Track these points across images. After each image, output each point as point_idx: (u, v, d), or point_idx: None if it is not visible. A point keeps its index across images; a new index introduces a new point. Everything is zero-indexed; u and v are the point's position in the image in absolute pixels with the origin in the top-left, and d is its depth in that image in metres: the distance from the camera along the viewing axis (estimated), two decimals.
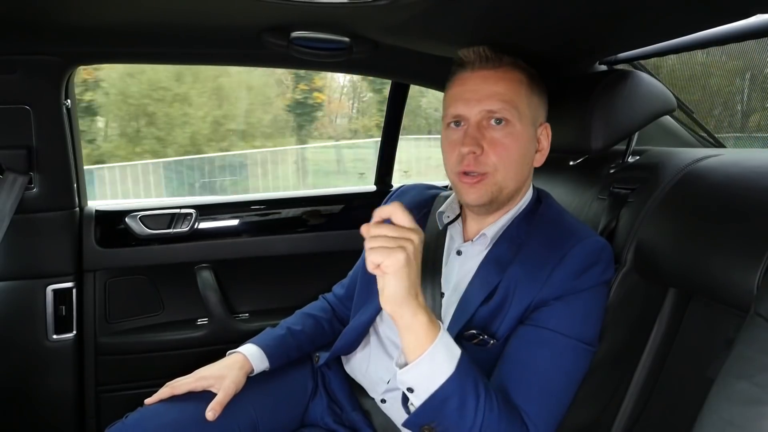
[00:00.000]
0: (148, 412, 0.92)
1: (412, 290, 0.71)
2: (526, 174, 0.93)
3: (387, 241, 0.70)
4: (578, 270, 0.83)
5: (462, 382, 0.72)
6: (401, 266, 0.69)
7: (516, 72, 0.89)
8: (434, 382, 0.71)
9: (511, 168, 0.87)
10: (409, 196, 1.12)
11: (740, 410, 0.55)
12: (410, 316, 0.71)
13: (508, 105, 0.86)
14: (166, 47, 1.29)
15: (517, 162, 0.88)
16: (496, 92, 0.86)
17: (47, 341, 1.41)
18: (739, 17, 0.80)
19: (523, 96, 0.88)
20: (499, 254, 0.90)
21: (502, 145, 0.86)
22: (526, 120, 0.88)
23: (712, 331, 0.81)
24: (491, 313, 0.86)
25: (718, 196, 0.81)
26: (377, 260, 0.69)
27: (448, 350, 0.73)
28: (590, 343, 0.83)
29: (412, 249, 0.70)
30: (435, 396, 0.71)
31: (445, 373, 0.71)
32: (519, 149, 0.88)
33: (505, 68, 0.89)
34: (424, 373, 0.72)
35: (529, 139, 0.90)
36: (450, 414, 0.72)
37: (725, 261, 0.72)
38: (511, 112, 0.86)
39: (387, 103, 1.77)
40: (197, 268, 1.59)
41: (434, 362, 0.71)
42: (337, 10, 0.94)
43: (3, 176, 1.26)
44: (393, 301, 0.71)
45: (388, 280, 0.70)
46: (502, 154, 0.86)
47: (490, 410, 0.73)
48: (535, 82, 0.91)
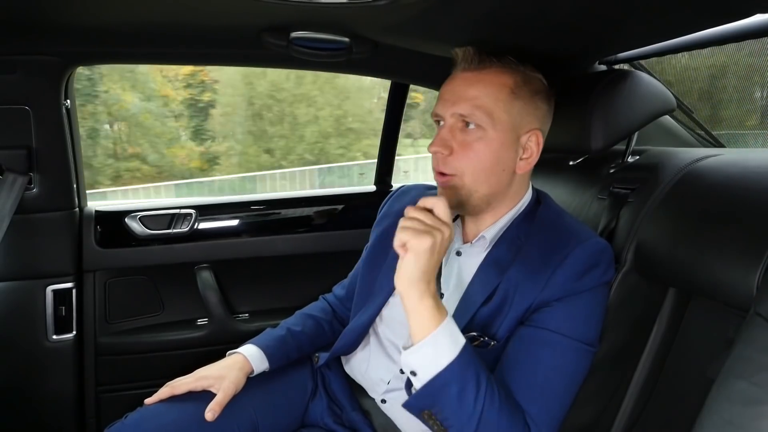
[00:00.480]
0: (148, 412, 0.92)
1: (425, 276, 0.74)
2: (505, 180, 0.89)
3: (420, 224, 0.74)
4: (579, 272, 0.83)
5: (463, 369, 0.73)
6: (425, 249, 0.72)
7: (501, 76, 0.86)
8: (436, 366, 0.72)
9: (479, 173, 0.86)
10: (409, 197, 1.12)
11: (740, 410, 0.55)
12: (417, 299, 0.74)
13: (479, 110, 0.84)
14: (166, 47, 1.29)
15: (487, 168, 0.86)
16: (471, 96, 0.85)
17: (47, 341, 1.41)
18: (739, 17, 0.80)
19: (501, 101, 0.85)
20: (498, 256, 0.90)
21: (471, 149, 0.86)
22: (503, 126, 0.85)
23: (712, 331, 0.81)
24: (491, 315, 0.86)
25: (718, 195, 0.81)
26: (405, 238, 0.73)
27: (451, 337, 0.74)
28: (591, 343, 0.83)
29: (439, 238, 0.74)
30: (435, 380, 0.72)
31: (447, 358, 0.73)
32: (490, 155, 0.86)
33: (488, 71, 0.87)
34: (427, 356, 0.73)
35: (504, 145, 0.86)
36: (449, 400, 0.73)
37: (725, 261, 0.72)
38: (481, 117, 0.84)
39: (387, 103, 1.77)
40: (197, 268, 1.59)
41: (437, 346, 0.73)
42: (337, 10, 0.94)
43: (3, 176, 1.26)
44: (407, 280, 0.74)
45: (408, 258, 0.73)
46: (470, 157, 0.86)
47: (491, 403, 0.73)
48: (525, 88, 0.88)
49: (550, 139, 0.97)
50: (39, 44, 1.21)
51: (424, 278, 0.74)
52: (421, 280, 0.74)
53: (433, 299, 0.75)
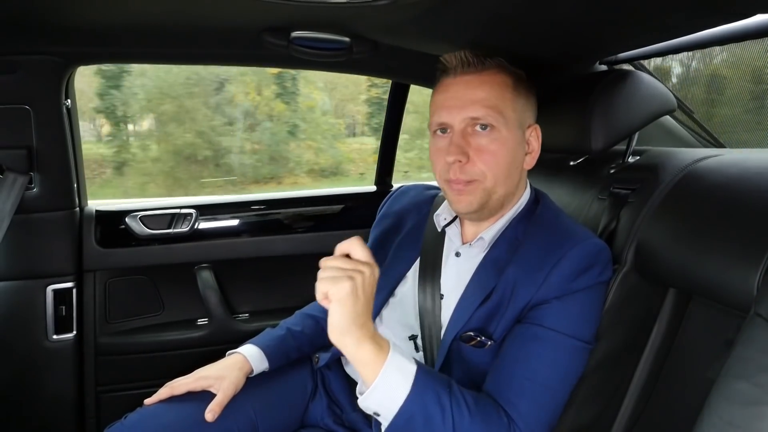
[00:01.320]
0: (148, 412, 0.92)
1: (357, 320, 0.72)
2: (517, 178, 0.91)
3: (337, 271, 0.72)
4: (575, 272, 0.83)
5: (421, 398, 0.73)
6: (346, 294, 0.71)
7: (500, 75, 0.87)
8: (394, 404, 0.72)
9: (499, 174, 0.86)
10: (408, 197, 1.12)
11: (740, 410, 0.55)
12: (354, 347, 0.73)
13: (492, 111, 0.85)
14: (166, 47, 1.29)
15: (505, 167, 0.87)
16: (480, 98, 0.85)
17: (47, 341, 1.41)
18: (739, 17, 0.80)
19: (508, 100, 0.87)
20: (496, 256, 0.90)
21: (488, 151, 0.85)
22: (513, 124, 0.87)
23: (712, 331, 0.81)
24: (489, 315, 0.86)
25: (718, 196, 0.81)
26: (324, 289, 0.72)
27: (400, 372, 0.74)
28: (586, 340, 0.83)
29: (360, 280, 0.72)
30: (398, 417, 0.72)
31: (402, 394, 0.72)
32: (506, 154, 0.86)
33: (489, 72, 0.87)
34: (382, 397, 0.73)
35: (516, 142, 0.88)
36: (419, 430, 0.73)
37: (725, 261, 0.72)
38: (495, 117, 0.85)
39: (387, 103, 1.77)
40: (197, 268, 1.59)
41: (388, 386, 0.73)
42: (337, 10, 0.94)
43: (3, 176, 1.26)
44: (337, 331, 0.72)
45: (333, 308, 0.72)
46: (489, 160, 0.85)
47: (461, 417, 0.73)
48: (521, 84, 0.90)
49: (550, 140, 0.97)
50: (40, 44, 1.21)
51: (356, 323, 0.72)
52: (353, 326, 0.72)
53: (371, 342, 0.73)
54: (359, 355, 0.73)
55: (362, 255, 0.75)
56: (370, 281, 0.74)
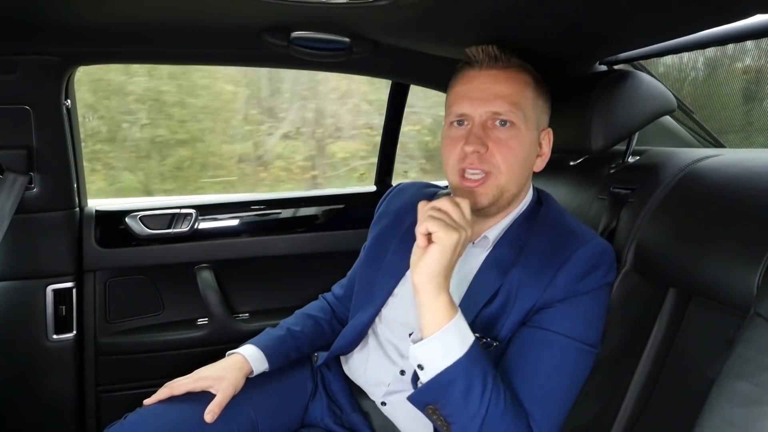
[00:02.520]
0: (147, 412, 0.92)
1: (445, 271, 0.75)
2: (527, 178, 0.92)
3: (449, 219, 0.74)
4: (581, 273, 0.82)
5: (470, 367, 0.73)
6: (451, 244, 0.73)
7: (524, 74, 0.88)
8: (443, 361, 0.73)
9: (513, 170, 0.87)
10: (406, 195, 1.11)
11: (740, 410, 0.55)
12: (434, 294, 0.74)
13: (514, 107, 0.85)
14: (166, 47, 1.29)
15: (519, 165, 0.87)
16: (504, 93, 0.85)
17: (47, 341, 1.41)
18: (739, 17, 0.80)
19: (530, 99, 0.87)
20: (500, 256, 0.90)
21: (507, 146, 0.85)
22: (531, 123, 0.88)
23: (712, 331, 0.81)
24: (494, 316, 0.86)
25: (718, 196, 0.81)
26: (433, 229, 0.73)
27: (461, 334, 0.74)
28: (592, 344, 0.83)
29: (464, 236, 0.75)
30: (442, 375, 0.72)
31: (455, 354, 0.73)
32: (523, 152, 0.87)
33: (514, 69, 0.87)
34: (435, 351, 0.73)
35: (532, 143, 0.89)
36: (454, 397, 0.73)
37: (725, 261, 0.72)
38: (517, 114, 0.85)
39: (387, 104, 1.77)
40: (197, 268, 1.59)
41: (446, 342, 0.73)
42: (338, 10, 0.94)
43: (3, 176, 1.26)
44: (426, 273, 0.74)
45: (433, 251, 0.73)
46: (507, 155, 0.85)
47: (496, 403, 0.73)
48: (541, 86, 0.91)
49: None
50: (39, 44, 1.21)
51: (444, 273, 0.74)
52: (440, 275, 0.74)
53: (447, 295, 0.75)
54: (436, 303, 0.74)
55: (469, 215, 0.77)
56: (465, 244, 0.76)
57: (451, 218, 0.74)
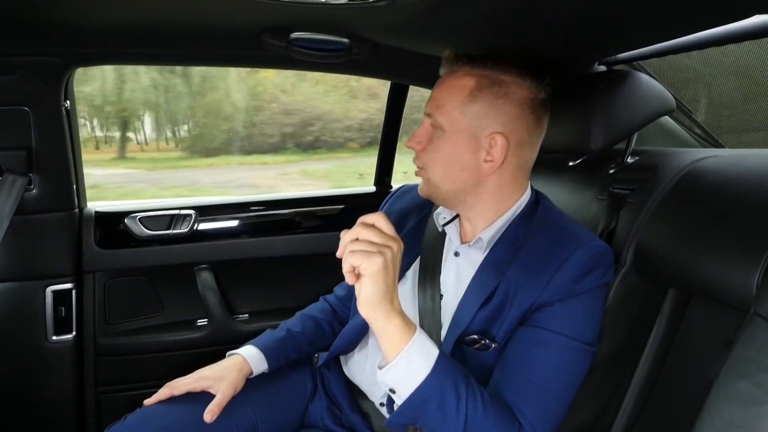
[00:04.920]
0: (147, 413, 0.92)
1: (387, 295, 0.73)
2: (467, 180, 0.89)
3: (368, 246, 0.72)
4: (579, 274, 0.82)
5: (439, 382, 0.73)
6: (378, 270, 0.71)
7: (464, 79, 0.89)
8: (411, 383, 0.72)
9: (439, 169, 0.90)
10: (409, 197, 1.12)
11: (740, 410, 0.55)
12: (384, 320, 0.73)
13: (439, 111, 0.89)
14: (166, 48, 1.29)
15: (447, 166, 0.89)
16: (436, 97, 0.91)
17: (47, 342, 1.41)
18: (739, 17, 0.80)
19: (458, 103, 0.88)
20: (496, 257, 0.90)
21: (432, 146, 0.91)
22: (459, 126, 0.88)
23: (712, 331, 0.81)
24: (490, 317, 0.86)
25: (718, 196, 0.81)
26: (356, 263, 0.71)
27: (423, 352, 0.74)
28: (589, 343, 0.83)
29: (390, 255, 0.73)
30: (413, 397, 0.72)
31: (421, 374, 0.72)
32: (449, 154, 0.89)
33: (456, 74, 0.91)
34: (401, 374, 0.73)
35: (461, 146, 0.88)
36: (431, 414, 0.73)
37: (725, 261, 0.72)
38: (440, 117, 0.89)
39: (386, 104, 1.77)
40: (197, 269, 1.59)
41: (410, 363, 0.73)
42: (337, 11, 0.94)
43: (2, 177, 1.26)
44: (368, 305, 0.73)
45: (365, 283, 0.72)
46: (432, 154, 0.91)
47: (474, 408, 0.73)
48: (486, 91, 0.87)
49: (550, 139, 0.97)
50: (39, 45, 1.21)
51: (386, 297, 0.73)
52: (384, 301, 0.72)
53: (399, 317, 0.74)
54: (388, 328, 0.73)
55: (389, 229, 0.75)
56: (397, 258, 0.75)
57: (371, 243, 0.72)
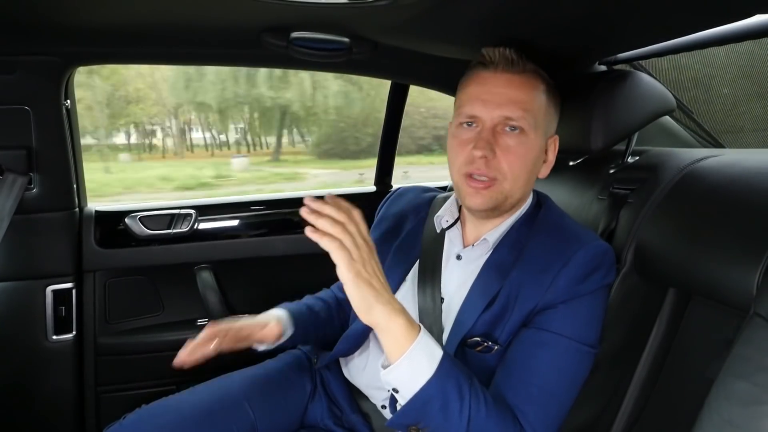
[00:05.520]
0: (146, 413, 0.92)
1: (380, 297, 0.70)
2: (531, 185, 0.92)
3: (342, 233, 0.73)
4: (581, 275, 0.82)
5: (443, 383, 0.72)
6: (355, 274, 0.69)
7: (538, 80, 0.88)
8: (415, 383, 0.71)
9: (519, 177, 0.86)
10: (406, 199, 1.11)
11: (740, 410, 0.55)
12: (385, 321, 0.71)
13: (526, 113, 0.84)
14: (166, 47, 1.29)
15: (526, 172, 0.87)
16: (518, 98, 0.84)
17: (47, 342, 1.41)
18: (739, 17, 0.80)
19: (542, 106, 0.87)
20: (499, 259, 0.89)
21: (514, 152, 0.85)
22: (540, 131, 0.87)
23: (712, 331, 0.81)
24: (494, 319, 0.86)
25: (718, 196, 0.81)
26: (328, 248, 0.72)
27: (427, 352, 0.73)
28: (592, 345, 0.83)
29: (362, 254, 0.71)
30: (417, 397, 0.71)
31: (425, 374, 0.71)
32: (530, 159, 0.87)
33: (529, 74, 0.87)
34: (405, 375, 0.72)
35: (540, 150, 0.89)
36: (433, 415, 0.72)
37: (725, 261, 0.72)
38: (528, 121, 0.84)
39: (387, 104, 1.77)
40: (197, 268, 1.59)
41: (413, 364, 0.72)
42: (337, 10, 0.94)
43: (3, 177, 1.26)
44: (362, 311, 0.70)
45: (350, 292, 0.70)
46: (514, 162, 0.85)
47: (477, 410, 0.73)
48: (553, 93, 0.90)
49: None
50: (39, 44, 1.21)
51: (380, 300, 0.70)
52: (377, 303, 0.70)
53: (402, 316, 0.72)
54: (391, 328, 0.71)
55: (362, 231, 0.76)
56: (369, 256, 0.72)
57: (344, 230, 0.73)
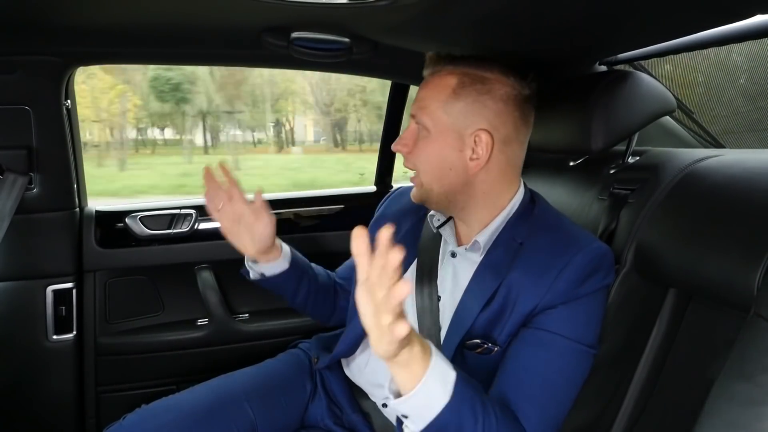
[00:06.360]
0: (146, 413, 0.92)
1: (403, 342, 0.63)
2: (456, 180, 0.89)
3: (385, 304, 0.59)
4: (581, 277, 0.82)
5: (458, 409, 0.69)
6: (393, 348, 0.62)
7: (446, 78, 0.90)
8: (430, 412, 0.68)
9: (428, 171, 0.91)
10: (405, 198, 1.11)
11: (741, 411, 0.55)
12: (406, 359, 0.66)
13: (422, 111, 0.90)
14: (166, 47, 1.29)
15: (435, 166, 0.90)
16: (422, 98, 0.91)
17: (47, 341, 1.41)
18: (739, 17, 0.80)
19: (442, 102, 0.88)
20: (494, 259, 0.89)
21: (419, 147, 0.91)
22: (443, 126, 0.88)
23: (712, 331, 0.81)
24: (492, 320, 0.85)
25: (719, 196, 0.81)
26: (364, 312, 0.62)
27: (442, 378, 0.69)
28: (591, 345, 0.83)
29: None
30: (432, 425, 0.68)
31: (440, 402, 0.68)
32: (435, 154, 0.89)
33: (439, 74, 0.91)
34: (419, 404, 0.68)
35: (447, 145, 0.88)
36: None
37: (725, 261, 0.72)
38: (424, 118, 0.89)
39: (387, 104, 1.77)
40: (197, 268, 1.59)
41: (428, 393, 0.67)
42: (337, 10, 0.94)
43: (3, 176, 1.26)
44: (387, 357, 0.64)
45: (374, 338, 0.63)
46: (420, 155, 0.91)
47: (489, 427, 0.71)
48: (469, 88, 0.87)
49: (550, 139, 0.97)
50: (39, 44, 1.21)
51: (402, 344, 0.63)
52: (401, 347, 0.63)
53: (419, 344, 0.66)
54: (408, 360, 0.66)
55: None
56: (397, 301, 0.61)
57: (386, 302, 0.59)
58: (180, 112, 12.98)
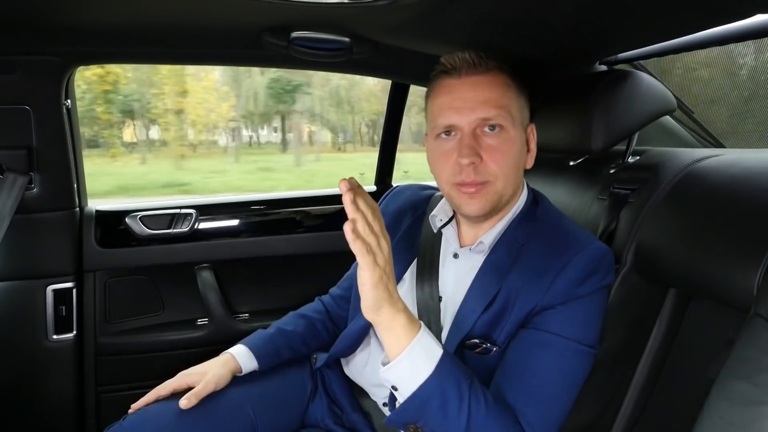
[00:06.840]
0: (146, 414, 0.92)
1: (389, 298, 0.72)
2: (520, 178, 0.93)
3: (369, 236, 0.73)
4: (580, 278, 0.82)
5: (442, 382, 0.72)
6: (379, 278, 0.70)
7: (503, 76, 0.88)
8: (414, 381, 0.72)
9: (510, 174, 0.87)
10: (403, 197, 1.11)
11: (740, 410, 0.55)
12: (390, 320, 0.72)
13: (502, 110, 0.85)
14: (166, 47, 1.29)
15: (514, 167, 0.88)
16: (490, 98, 0.85)
17: (47, 341, 1.41)
18: (739, 17, 0.80)
19: (513, 99, 0.88)
20: (497, 260, 0.89)
21: (499, 151, 0.85)
22: (518, 123, 0.88)
23: (712, 331, 0.81)
24: (492, 321, 0.85)
25: (719, 196, 0.81)
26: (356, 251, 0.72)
27: (427, 351, 0.73)
28: (591, 345, 0.83)
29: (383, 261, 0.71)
30: (416, 396, 0.72)
31: (424, 373, 0.72)
32: (515, 154, 0.87)
33: (493, 72, 0.87)
34: (404, 372, 0.73)
35: (521, 142, 0.89)
36: (433, 414, 0.72)
37: (725, 261, 0.72)
38: (505, 117, 0.85)
39: (387, 104, 1.77)
40: (197, 268, 1.59)
41: (413, 362, 0.72)
42: (338, 10, 0.94)
43: (3, 176, 1.26)
44: (373, 310, 0.72)
45: (367, 293, 0.71)
46: (501, 161, 0.85)
47: (477, 410, 0.73)
48: (520, 84, 0.91)
49: (550, 140, 0.97)
50: (39, 44, 1.21)
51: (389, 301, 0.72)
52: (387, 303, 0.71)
53: (404, 314, 0.73)
54: (393, 326, 0.72)
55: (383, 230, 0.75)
56: (390, 257, 0.73)
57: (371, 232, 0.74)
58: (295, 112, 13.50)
